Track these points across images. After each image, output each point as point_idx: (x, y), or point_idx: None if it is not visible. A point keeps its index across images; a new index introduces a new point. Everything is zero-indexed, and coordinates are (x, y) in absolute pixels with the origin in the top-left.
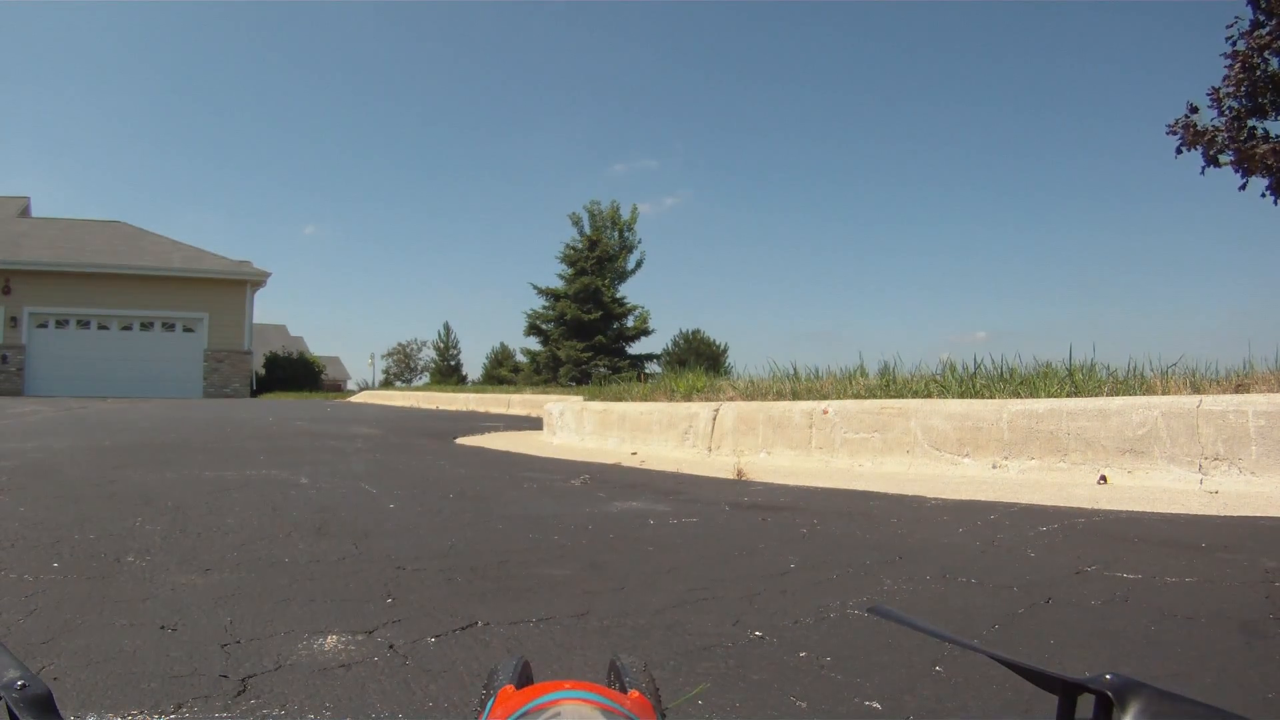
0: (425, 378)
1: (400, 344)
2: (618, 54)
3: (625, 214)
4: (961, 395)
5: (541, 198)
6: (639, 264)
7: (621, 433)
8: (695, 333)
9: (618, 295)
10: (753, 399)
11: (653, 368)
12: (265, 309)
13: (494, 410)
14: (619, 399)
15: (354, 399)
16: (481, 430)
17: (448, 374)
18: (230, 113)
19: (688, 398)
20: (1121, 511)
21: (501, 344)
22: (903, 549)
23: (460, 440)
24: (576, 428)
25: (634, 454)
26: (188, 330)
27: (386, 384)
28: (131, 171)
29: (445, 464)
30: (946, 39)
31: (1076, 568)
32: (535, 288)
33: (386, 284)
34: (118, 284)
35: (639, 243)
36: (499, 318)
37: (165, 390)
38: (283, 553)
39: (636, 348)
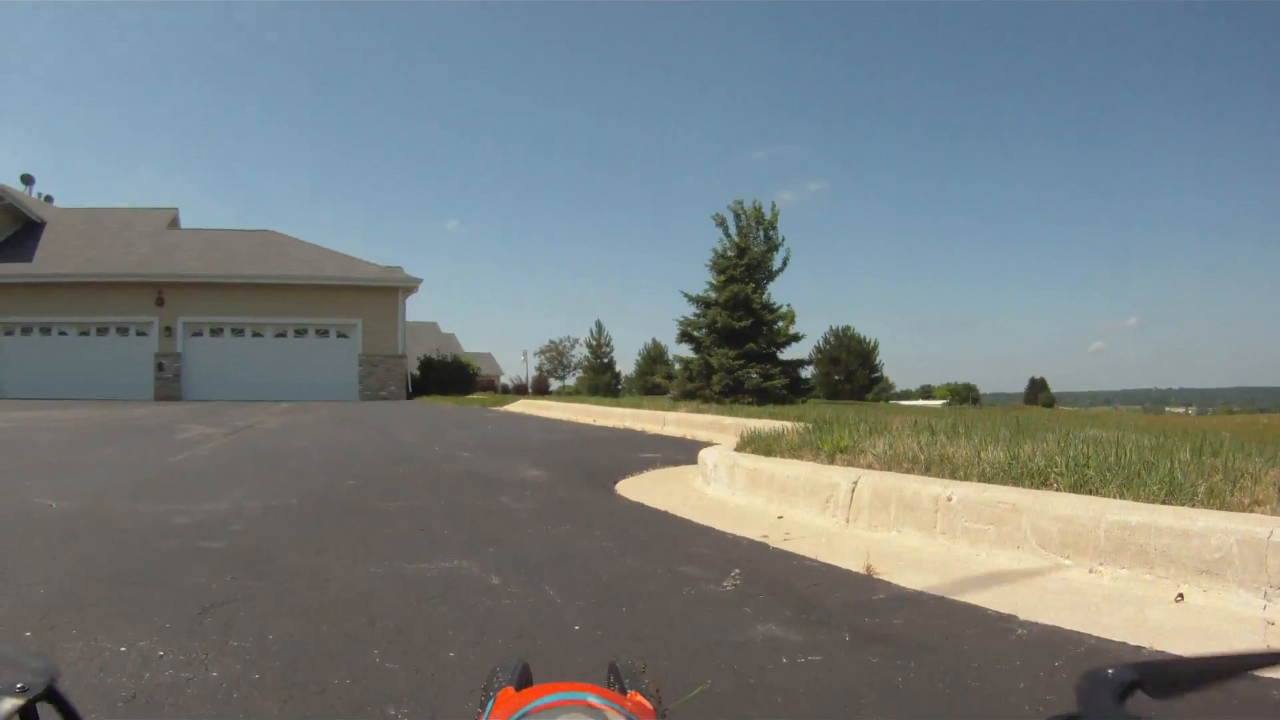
0: (579, 374)
1: (553, 341)
2: (757, 43)
3: (767, 212)
4: (1073, 487)
5: (684, 186)
6: (785, 263)
7: (770, 493)
8: (846, 329)
9: (767, 301)
10: (890, 468)
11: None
12: (415, 305)
13: (650, 430)
14: (768, 453)
15: (512, 408)
16: (639, 466)
17: (600, 371)
18: (370, 110)
19: (831, 458)
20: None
21: (654, 340)
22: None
23: (621, 488)
24: (729, 482)
25: (780, 518)
26: (342, 336)
27: (540, 381)
28: (271, 169)
29: (610, 544)
30: (1110, 41)
31: None
32: (686, 296)
33: (534, 279)
34: (270, 293)
35: (783, 241)
36: (649, 310)
37: (323, 394)
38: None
39: (787, 353)
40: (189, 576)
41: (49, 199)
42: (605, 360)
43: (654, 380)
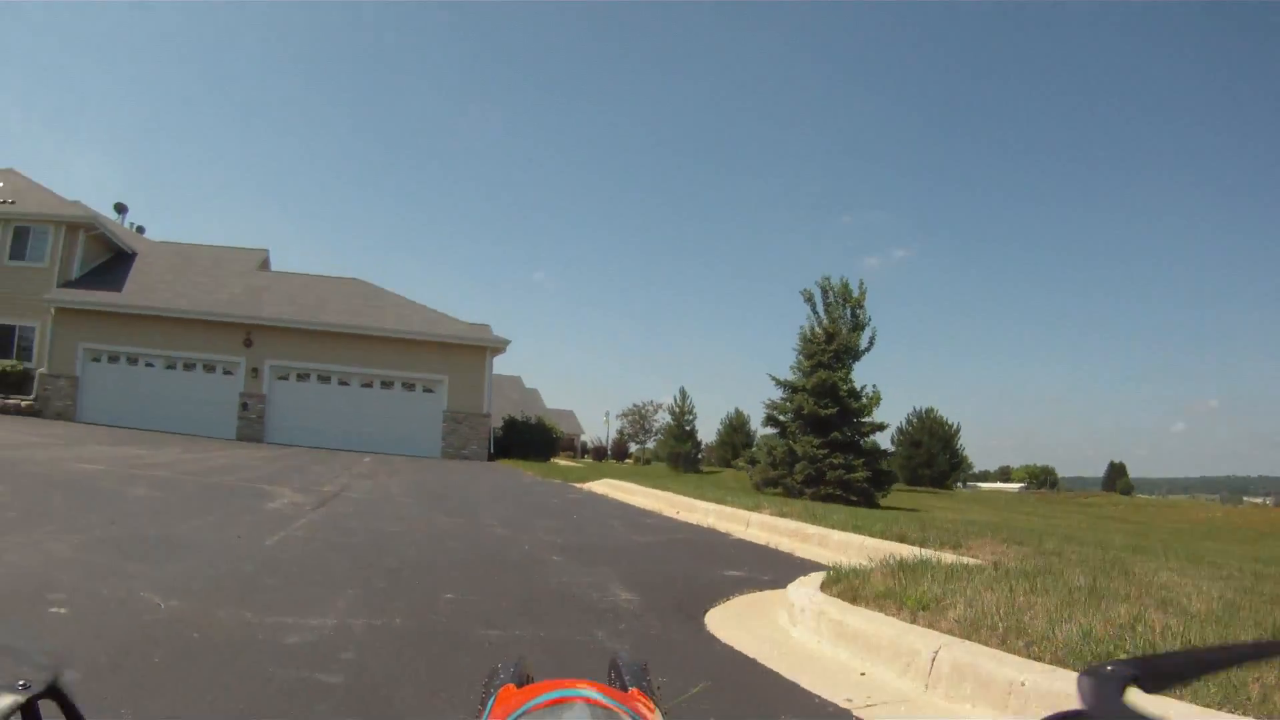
0: (659, 436)
1: (635, 405)
2: (846, 106)
3: (855, 289)
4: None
5: (772, 251)
6: (872, 342)
7: (854, 647)
8: (929, 411)
9: (854, 388)
10: (970, 635)
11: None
12: (499, 357)
13: (734, 532)
14: (854, 599)
15: (595, 488)
16: (726, 589)
17: (681, 439)
18: (460, 157)
19: (914, 615)
20: None
21: (736, 410)
22: None
23: (710, 622)
24: (815, 628)
25: (863, 675)
26: (427, 391)
27: (619, 445)
28: (358, 218)
29: (707, 706)
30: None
31: None
32: (774, 379)
33: (618, 336)
34: (357, 343)
35: (870, 320)
36: (733, 372)
37: (404, 447)
38: None
39: (870, 440)
40: None
41: (141, 229)
42: (687, 429)
43: (737, 464)
